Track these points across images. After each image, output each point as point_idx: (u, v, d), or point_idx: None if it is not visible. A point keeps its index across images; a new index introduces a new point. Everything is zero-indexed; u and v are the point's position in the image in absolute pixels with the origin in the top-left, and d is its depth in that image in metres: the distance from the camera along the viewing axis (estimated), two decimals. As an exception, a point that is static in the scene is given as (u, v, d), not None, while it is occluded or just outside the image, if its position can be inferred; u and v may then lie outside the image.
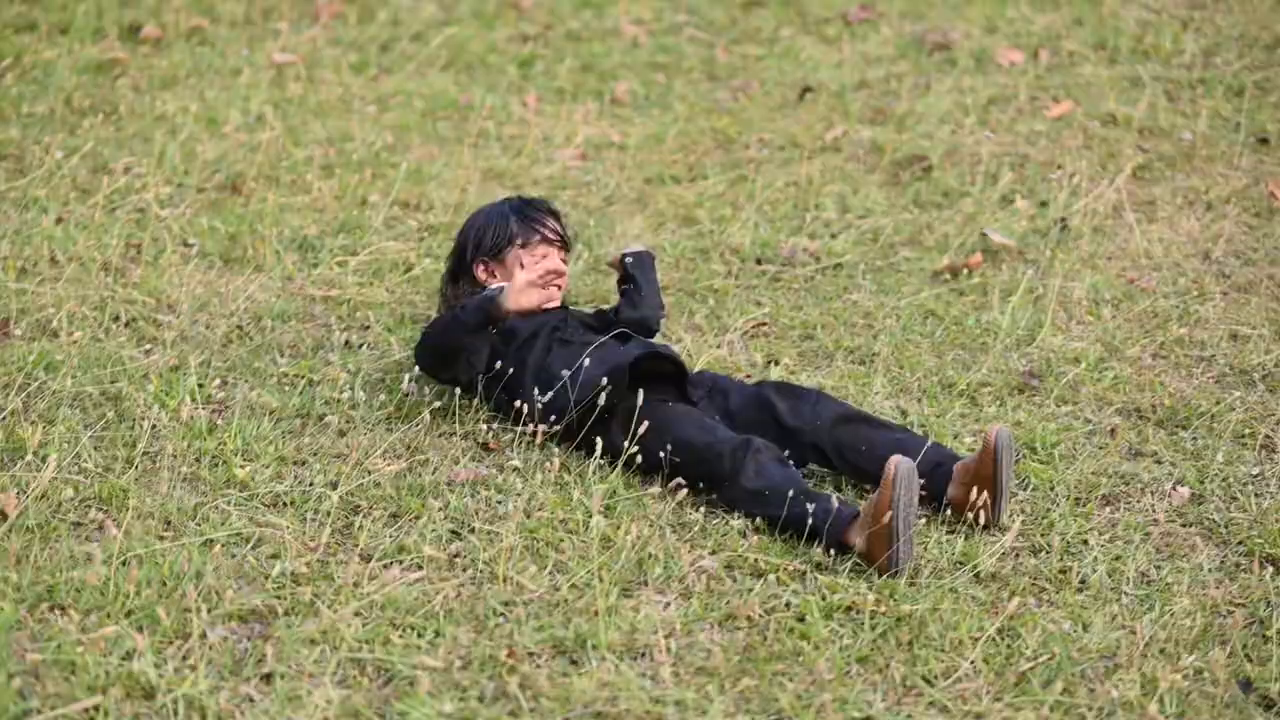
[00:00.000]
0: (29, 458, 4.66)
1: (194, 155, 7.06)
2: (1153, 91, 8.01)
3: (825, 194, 7.06)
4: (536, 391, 4.91)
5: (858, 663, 4.09)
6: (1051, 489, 4.89)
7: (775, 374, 5.51)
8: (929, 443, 4.74)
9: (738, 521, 4.63)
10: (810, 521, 4.46)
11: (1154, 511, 4.81)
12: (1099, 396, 5.43)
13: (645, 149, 7.61)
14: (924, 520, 4.67)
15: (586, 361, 4.87)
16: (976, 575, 4.46)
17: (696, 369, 5.25)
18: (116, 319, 5.62)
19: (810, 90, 8.32)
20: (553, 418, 4.87)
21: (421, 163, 7.27)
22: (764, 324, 5.93)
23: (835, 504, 4.47)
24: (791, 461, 4.74)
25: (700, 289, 6.20)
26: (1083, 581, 4.46)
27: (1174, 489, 4.91)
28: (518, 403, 4.93)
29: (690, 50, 8.94)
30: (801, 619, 4.21)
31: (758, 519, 4.61)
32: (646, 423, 4.72)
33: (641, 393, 4.77)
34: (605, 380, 4.77)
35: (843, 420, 4.85)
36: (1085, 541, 4.65)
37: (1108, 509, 4.83)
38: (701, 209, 6.92)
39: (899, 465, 4.30)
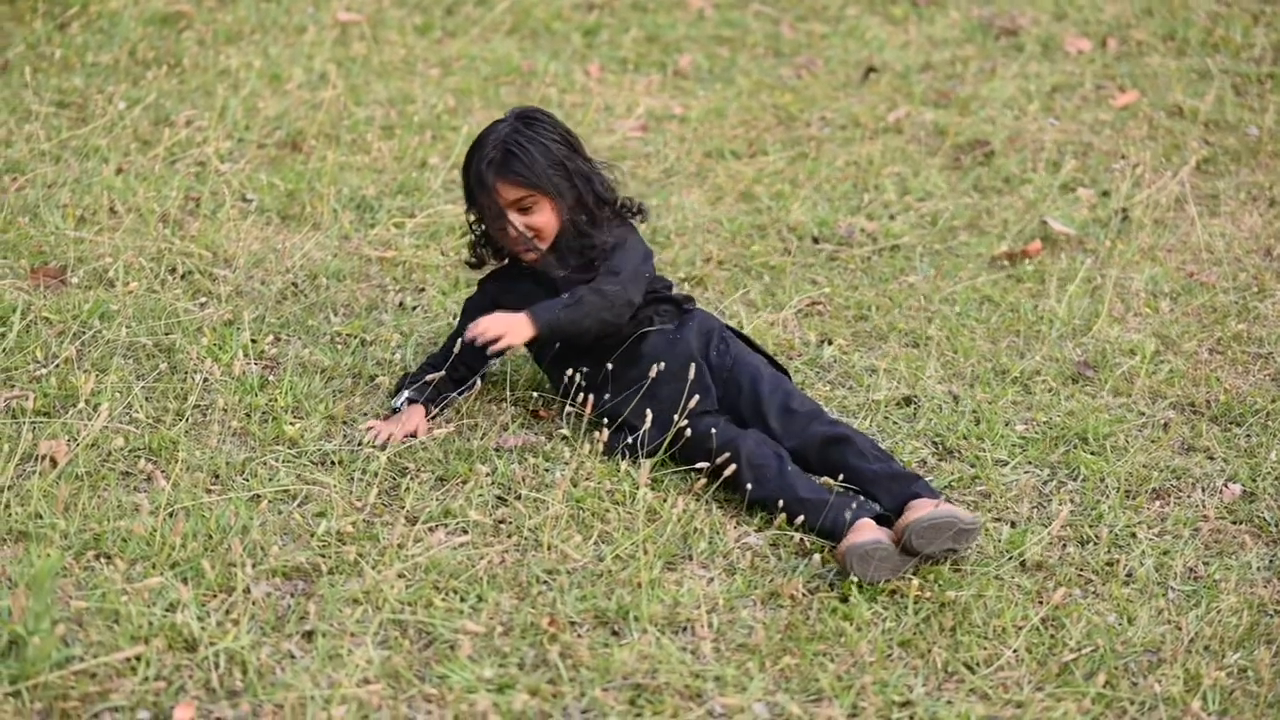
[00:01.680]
0: (80, 406, 4.67)
1: (255, 111, 7.07)
2: (1220, 85, 7.94)
3: (885, 175, 7.03)
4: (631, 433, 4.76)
5: (899, 646, 4.07)
6: (1102, 480, 4.86)
7: (828, 354, 5.49)
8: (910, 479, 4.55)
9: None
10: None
11: (1204, 507, 4.77)
12: (1153, 390, 5.38)
13: (706, 122, 7.59)
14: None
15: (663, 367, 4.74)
16: (1022, 564, 4.43)
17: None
18: (173, 271, 5.63)
19: (874, 70, 8.28)
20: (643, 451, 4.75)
21: (482, 127, 7.24)
22: (819, 303, 5.91)
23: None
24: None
25: (756, 265, 6.17)
26: (1129, 574, 4.43)
27: (1225, 486, 4.87)
28: (570, 372, 4.85)
29: (755, 25, 8.91)
30: (845, 600, 4.20)
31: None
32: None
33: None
34: (697, 402, 4.68)
35: (830, 442, 4.66)
36: (1134, 534, 4.62)
37: (1158, 503, 4.80)
38: (760, 185, 6.89)
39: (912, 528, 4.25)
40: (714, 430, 4.59)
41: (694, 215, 6.55)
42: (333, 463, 4.63)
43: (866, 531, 4.25)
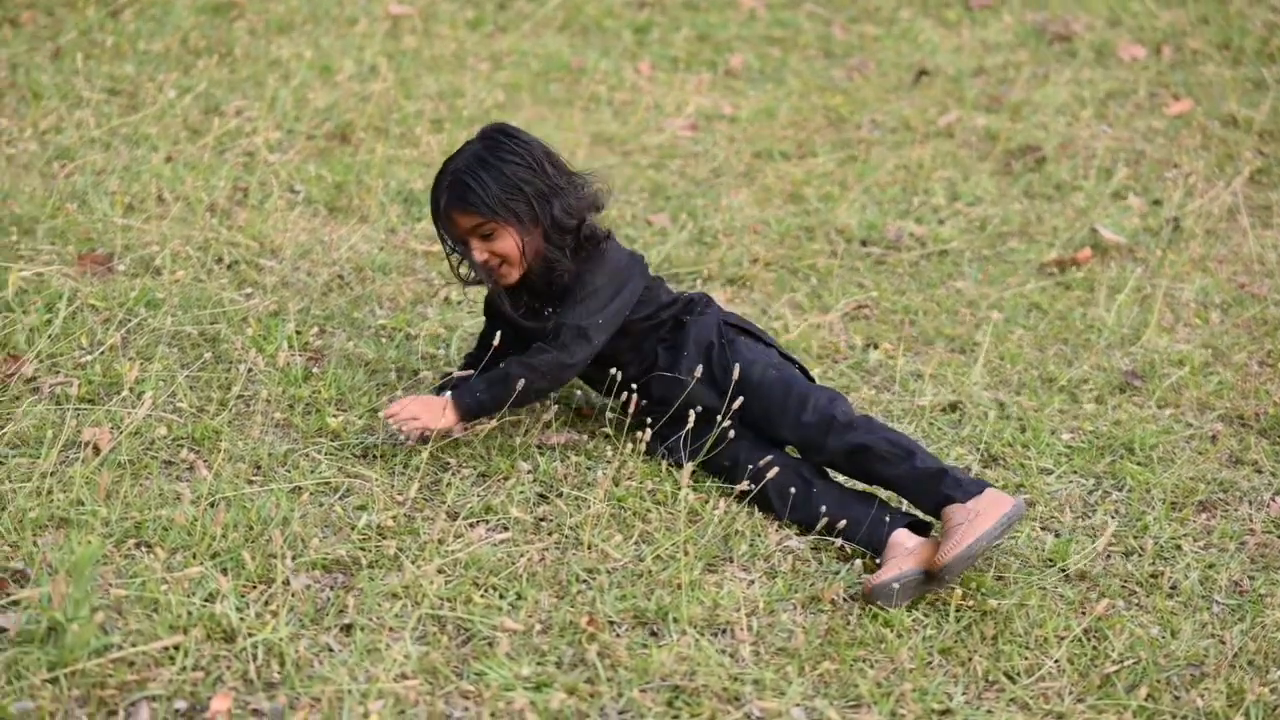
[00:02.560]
0: (125, 393, 4.67)
1: (305, 102, 7.07)
2: (1276, 95, 7.88)
3: (935, 179, 6.99)
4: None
5: (940, 654, 4.04)
6: (1148, 491, 4.82)
7: (874, 358, 5.46)
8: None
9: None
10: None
11: (1251, 521, 4.73)
12: (1202, 401, 5.34)
13: (756, 123, 7.56)
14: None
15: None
16: (1066, 574, 4.40)
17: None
18: (219, 260, 5.63)
19: (926, 73, 8.25)
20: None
21: (531, 123, 7.24)
22: (865, 306, 5.88)
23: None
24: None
25: (803, 267, 6.15)
26: (1174, 587, 4.39)
27: (1273, 499, 4.83)
28: (614, 370, 4.81)
29: (808, 26, 8.88)
30: (888, 596, 4.16)
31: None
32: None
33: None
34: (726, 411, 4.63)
35: (850, 455, 4.54)
36: (1179, 547, 4.58)
37: (1204, 515, 4.75)
38: (809, 186, 6.87)
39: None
40: (734, 464, 4.58)
41: (741, 216, 6.52)
42: (375, 456, 4.62)
43: (891, 566, 4.21)
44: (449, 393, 4.57)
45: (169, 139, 6.55)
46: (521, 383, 4.51)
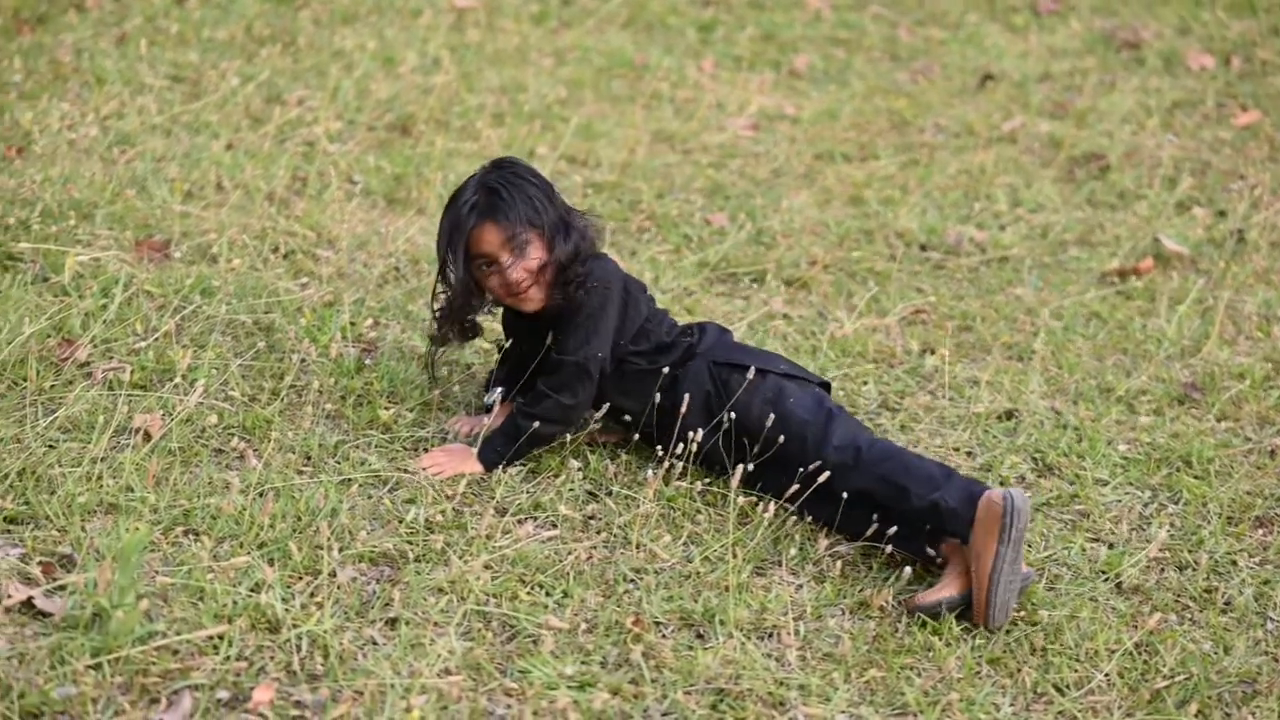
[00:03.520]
0: (177, 381, 4.67)
1: (367, 93, 7.07)
2: (1345, 107, 7.81)
3: (997, 185, 6.94)
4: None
5: (989, 664, 4.00)
6: (1204, 505, 4.76)
7: (930, 363, 5.42)
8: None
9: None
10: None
11: (1308, 538, 4.67)
12: (1261, 415, 5.28)
13: (818, 124, 7.53)
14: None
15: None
16: (1118, 586, 4.35)
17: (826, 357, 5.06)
18: (276, 250, 5.63)
19: (991, 78, 8.19)
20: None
21: (592, 119, 7.23)
22: (923, 311, 5.84)
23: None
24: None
25: (861, 270, 6.11)
26: (1228, 603, 4.34)
27: (1331, 517, 4.77)
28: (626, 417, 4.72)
29: (873, 28, 8.84)
30: (935, 615, 4.12)
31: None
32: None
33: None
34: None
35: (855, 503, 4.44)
36: (1234, 562, 4.52)
37: (1260, 531, 4.70)
38: (870, 189, 6.83)
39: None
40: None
41: (801, 217, 6.49)
42: (425, 449, 4.61)
43: (942, 587, 4.15)
44: (478, 450, 4.56)
45: (230, 127, 6.56)
46: (532, 431, 4.52)
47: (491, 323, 4.98)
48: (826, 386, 4.67)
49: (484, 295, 4.65)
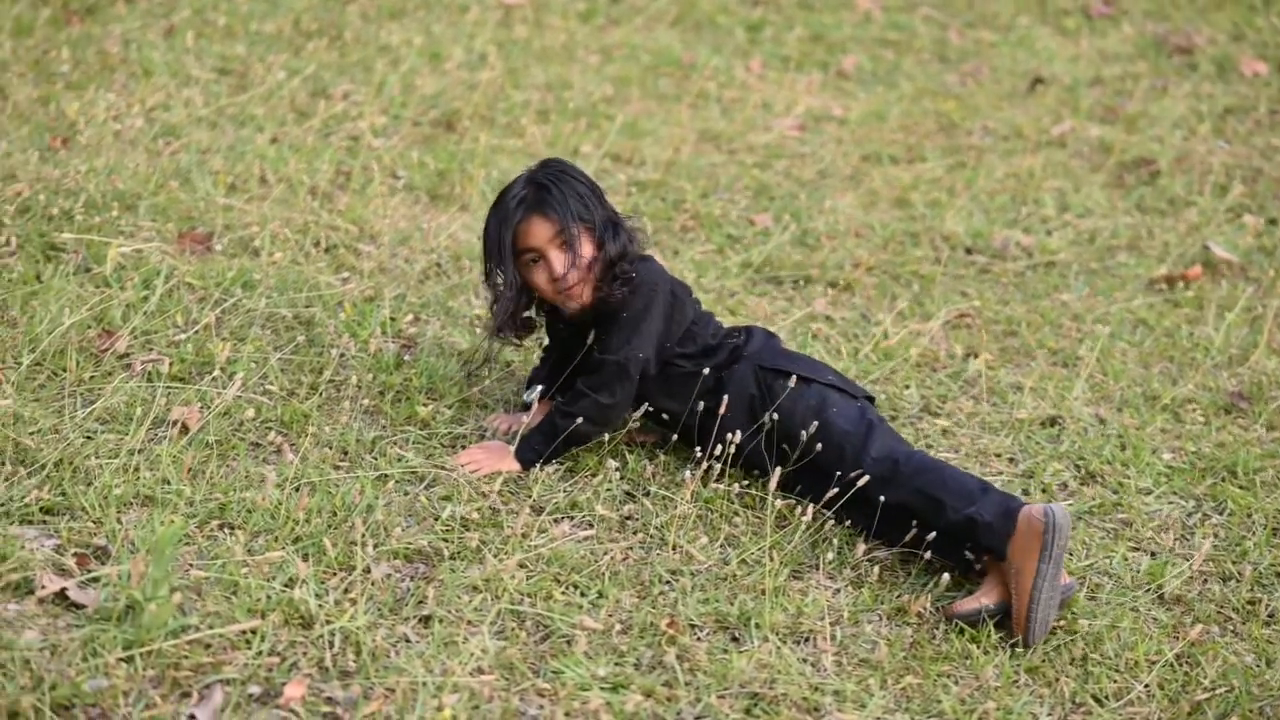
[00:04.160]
0: (216, 373, 4.66)
1: (413, 88, 7.06)
2: (1399, 116, 7.74)
3: (1045, 189, 6.89)
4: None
5: (1027, 673, 3.96)
6: (1249, 516, 4.71)
7: (973, 368, 5.37)
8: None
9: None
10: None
11: (1354, 551, 4.61)
12: (1309, 426, 5.23)
13: (866, 125, 7.48)
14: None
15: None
16: (1160, 596, 4.30)
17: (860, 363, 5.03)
18: (317, 244, 5.62)
19: (1041, 81, 8.14)
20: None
21: (638, 117, 7.20)
22: (967, 315, 5.79)
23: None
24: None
25: (906, 273, 6.07)
26: (1271, 615, 4.28)
27: (1378, 530, 4.71)
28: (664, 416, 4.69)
29: (923, 29, 8.79)
30: (973, 622, 4.08)
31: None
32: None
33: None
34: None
35: (892, 514, 4.39)
36: (1279, 574, 4.46)
37: (1306, 543, 4.65)
38: (916, 192, 6.79)
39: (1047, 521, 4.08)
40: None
41: (845, 219, 6.45)
42: (463, 447, 4.59)
43: (981, 594, 4.10)
44: (515, 449, 4.55)
45: (275, 120, 6.56)
46: (571, 429, 4.49)
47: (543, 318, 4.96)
48: (871, 400, 4.64)
49: (531, 293, 4.62)
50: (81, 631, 3.56)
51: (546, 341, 4.87)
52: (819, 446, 4.39)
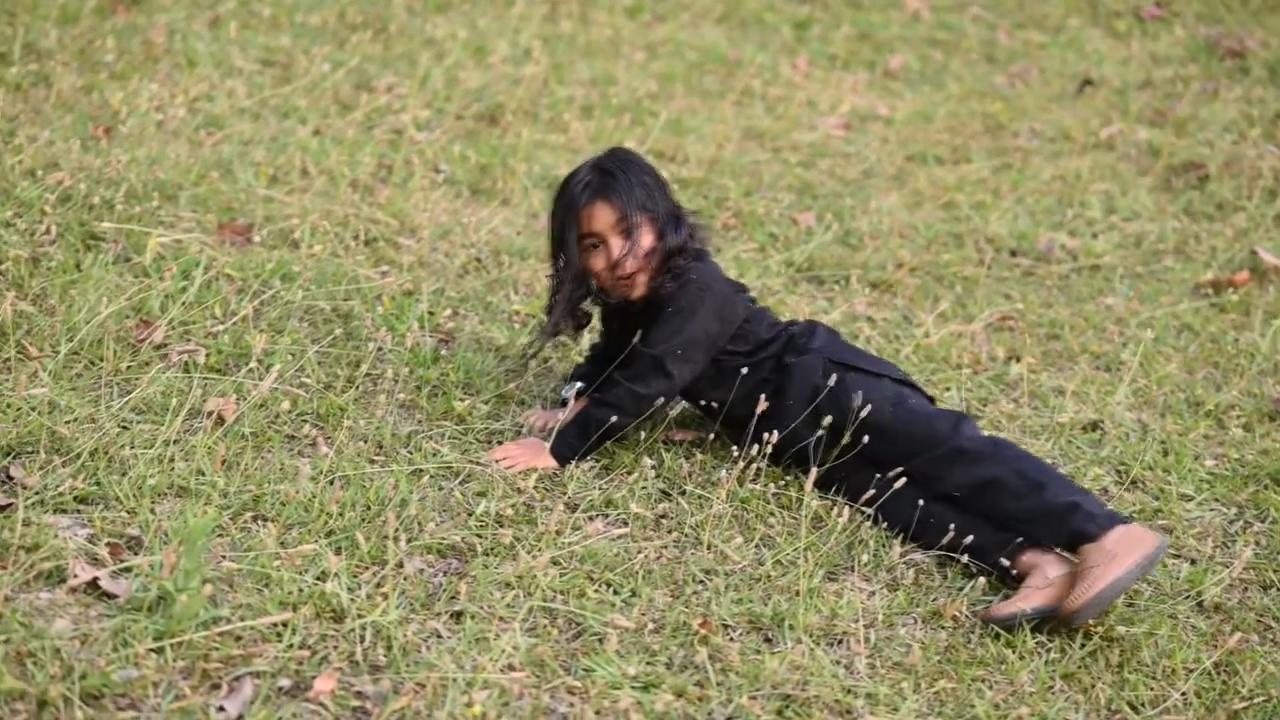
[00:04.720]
0: (252, 365, 4.65)
1: (457, 82, 7.05)
2: None
3: (1092, 192, 6.84)
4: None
5: (1062, 679, 3.92)
6: (1291, 524, 4.67)
7: (1015, 371, 5.33)
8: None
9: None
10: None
11: (1398, 562, 4.56)
12: (1354, 434, 5.17)
13: (911, 125, 7.44)
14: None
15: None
16: (1199, 604, 4.26)
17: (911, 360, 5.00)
18: (357, 237, 5.61)
19: (1090, 83, 8.08)
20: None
21: (682, 114, 7.18)
22: (1010, 318, 5.75)
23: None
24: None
25: (949, 275, 6.03)
26: (1312, 625, 4.24)
27: None
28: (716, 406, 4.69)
29: (972, 30, 8.74)
30: (1010, 627, 4.05)
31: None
32: None
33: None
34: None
35: (977, 490, 4.38)
36: (1320, 584, 4.42)
37: (1349, 553, 4.59)
38: (961, 193, 6.74)
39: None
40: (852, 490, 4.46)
41: (889, 219, 6.41)
42: (499, 442, 4.57)
43: (1021, 598, 4.06)
44: (551, 444, 4.53)
45: (318, 112, 6.56)
46: (605, 422, 4.48)
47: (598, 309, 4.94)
48: (931, 401, 4.62)
49: (589, 282, 4.61)
50: (112, 621, 3.55)
51: (594, 341, 4.85)
52: (907, 432, 4.39)
